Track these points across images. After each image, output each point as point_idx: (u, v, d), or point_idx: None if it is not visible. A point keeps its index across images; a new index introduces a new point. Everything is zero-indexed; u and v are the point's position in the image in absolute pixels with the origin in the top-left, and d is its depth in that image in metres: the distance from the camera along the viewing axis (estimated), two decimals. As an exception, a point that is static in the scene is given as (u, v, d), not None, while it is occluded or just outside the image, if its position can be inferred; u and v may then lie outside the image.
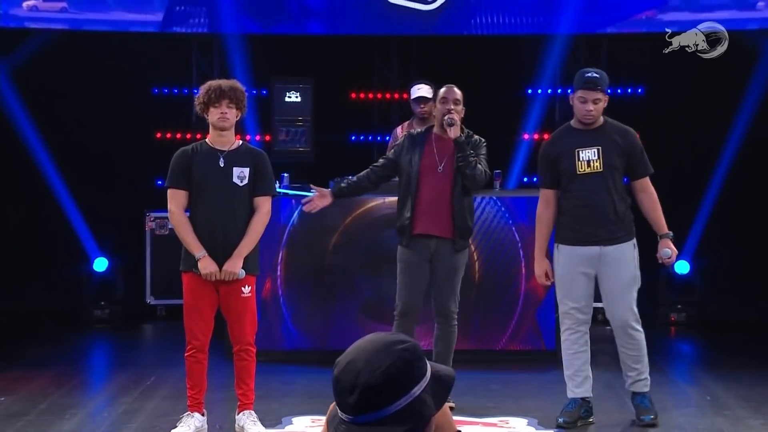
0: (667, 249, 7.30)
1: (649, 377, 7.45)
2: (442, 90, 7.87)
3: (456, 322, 7.79)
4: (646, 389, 7.44)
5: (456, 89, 7.86)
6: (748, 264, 12.44)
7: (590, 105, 7.27)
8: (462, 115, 7.80)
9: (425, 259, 7.74)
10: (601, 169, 7.25)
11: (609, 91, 7.42)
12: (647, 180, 7.39)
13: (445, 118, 7.71)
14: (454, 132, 7.66)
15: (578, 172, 7.27)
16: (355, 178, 7.91)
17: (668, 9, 11.24)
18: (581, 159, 7.27)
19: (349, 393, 2.58)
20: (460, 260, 7.77)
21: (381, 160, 7.97)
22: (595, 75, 7.31)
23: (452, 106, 7.74)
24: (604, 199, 7.25)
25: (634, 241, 7.34)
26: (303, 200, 8.07)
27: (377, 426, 2.57)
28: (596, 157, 7.26)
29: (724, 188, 11.88)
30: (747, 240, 12.80)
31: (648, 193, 7.36)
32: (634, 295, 7.32)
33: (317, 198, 7.88)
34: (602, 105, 7.30)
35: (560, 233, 7.41)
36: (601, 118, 7.39)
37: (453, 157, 7.72)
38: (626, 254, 7.29)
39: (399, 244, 7.85)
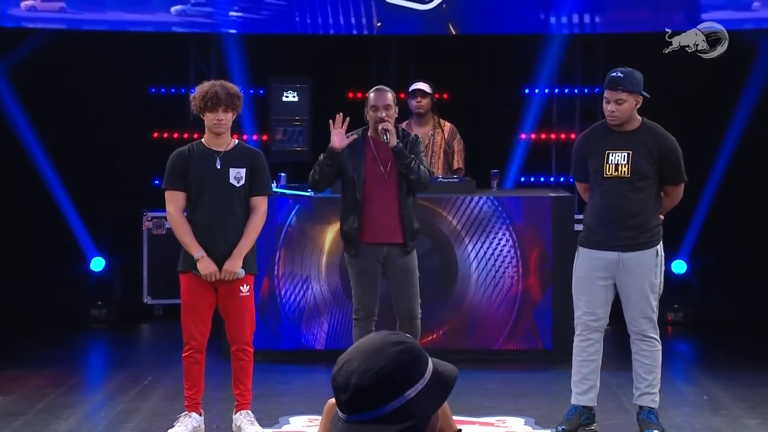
0: None
1: (659, 394, 7.20)
2: (372, 95, 7.65)
3: (419, 321, 7.76)
4: (654, 405, 7.16)
5: (387, 93, 7.63)
6: (745, 264, 12.44)
7: (613, 105, 7.04)
8: (395, 117, 7.62)
9: (378, 263, 7.67)
10: (629, 175, 7.02)
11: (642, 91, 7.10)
12: (678, 187, 7.18)
13: (379, 128, 7.53)
14: (391, 142, 7.50)
15: (605, 175, 7.07)
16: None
17: (666, 9, 11.15)
18: (610, 162, 7.05)
19: (343, 392, 2.59)
20: (412, 261, 7.72)
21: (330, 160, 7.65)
22: (618, 75, 7.07)
23: (383, 114, 7.56)
24: (627, 205, 7.04)
25: (658, 248, 7.11)
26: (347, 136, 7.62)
27: (373, 425, 2.57)
28: (625, 162, 7.02)
29: (722, 188, 11.85)
30: (744, 240, 12.80)
31: (669, 195, 7.17)
32: (653, 303, 7.10)
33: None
34: (628, 106, 7.02)
35: (582, 235, 7.25)
36: (638, 120, 7.13)
37: (395, 162, 7.57)
38: (647, 261, 7.07)
39: (346, 252, 7.74)
